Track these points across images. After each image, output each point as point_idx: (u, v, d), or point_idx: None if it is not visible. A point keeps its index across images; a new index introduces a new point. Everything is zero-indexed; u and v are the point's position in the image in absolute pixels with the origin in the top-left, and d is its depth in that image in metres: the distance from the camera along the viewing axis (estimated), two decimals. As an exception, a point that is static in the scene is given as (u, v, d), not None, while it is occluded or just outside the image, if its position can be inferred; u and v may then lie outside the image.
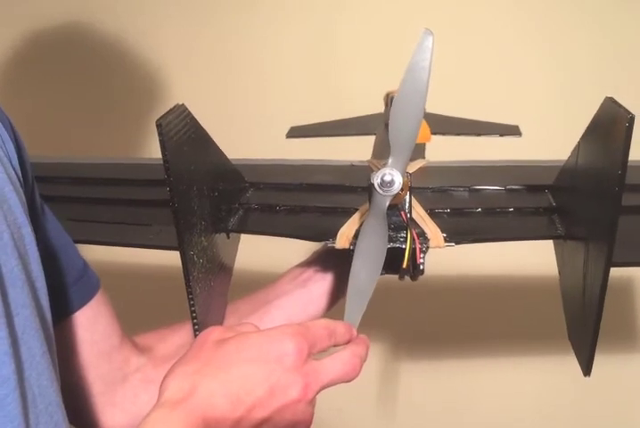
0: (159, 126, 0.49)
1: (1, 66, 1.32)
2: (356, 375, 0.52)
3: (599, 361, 0.56)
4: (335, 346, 0.53)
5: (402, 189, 0.54)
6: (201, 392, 0.47)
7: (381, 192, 0.53)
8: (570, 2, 1.16)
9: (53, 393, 0.49)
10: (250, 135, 1.28)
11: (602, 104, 0.52)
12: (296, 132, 0.99)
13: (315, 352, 0.51)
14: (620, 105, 0.48)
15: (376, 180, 0.53)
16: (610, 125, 0.49)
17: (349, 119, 1.02)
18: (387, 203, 0.54)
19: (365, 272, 0.55)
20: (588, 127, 0.56)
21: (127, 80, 1.30)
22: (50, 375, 0.49)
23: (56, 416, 0.49)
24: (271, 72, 1.29)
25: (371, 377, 1.37)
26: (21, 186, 0.53)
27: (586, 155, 0.57)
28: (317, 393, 0.50)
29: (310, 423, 0.50)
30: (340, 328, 0.54)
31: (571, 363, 0.59)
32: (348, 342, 0.54)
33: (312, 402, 0.50)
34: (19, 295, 0.46)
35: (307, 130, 1.00)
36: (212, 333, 0.51)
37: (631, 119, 0.45)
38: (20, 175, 0.54)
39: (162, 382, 0.48)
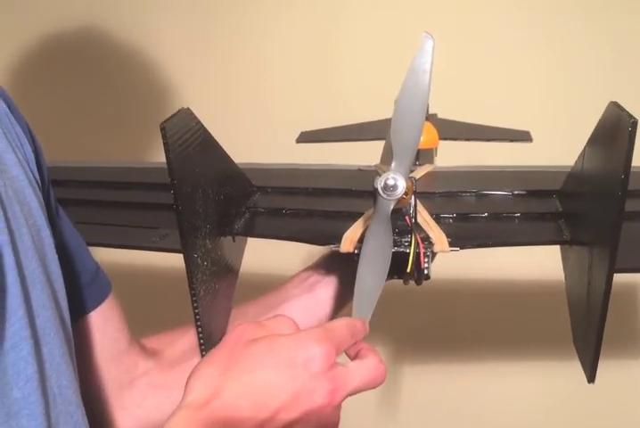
0: (162, 129, 0.49)
1: (8, 70, 1.33)
2: (382, 382, 0.52)
3: (605, 367, 0.55)
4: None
5: (406, 193, 0.54)
6: (225, 395, 0.46)
7: (384, 196, 0.53)
8: (577, 7, 1.16)
9: (73, 393, 0.49)
10: (257, 139, 1.28)
11: (606, 109, 0.51)
12: (306, 137, 0.99)
13: (340, 353, 0.51)
14: (624, 109, 0.47)
15: (379, 184, 0.53)
16: (613, 129, 0.49)
17: (360, 124, 1.02)
18: (391, 207, 0.54)
19: (371, 277, 0.55)
20: (594, 132, 0.55)
21: (135, 84, 1.31)
22: (70, 376, 0.49)
23: (76, 416, 0.49)
24: (278, 75, 1.29)
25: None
26: (39, 189, 0.54)
27: (591, 160, 0.56)
28: (344, 399, 0.49)
29: None
30: (358, 324, 0.54)
31: (576, 369, 0.58)
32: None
33: (339, 408, 0.49)
34: (39, 297, 0.47)
35: (317, 135, 1.00)
36: (245, 332, 0.51)
37: (634, 124, 0.45)
38: (38, 176, 0.55)
39: (188, 381, 0.48)
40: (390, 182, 0.52)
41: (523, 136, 0.95)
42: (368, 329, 0.55)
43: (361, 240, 0.58)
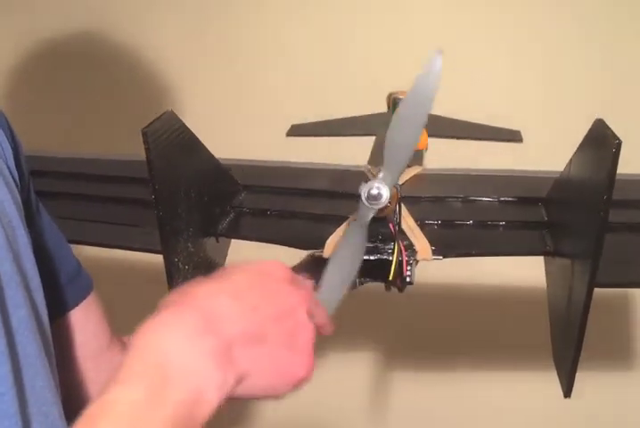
0: (144, 134, 0.48)
1: (7, 68, 1.32)
2: None
3: (596, 378, 0.54)
4: None
5: (390, 202, 0.54)
6: (201, 294, 0.44)
7: (367, 204, 0.53)
8: (572, 17, 1.15)
9: (49, 393, 0.49)
10: (253, 134, 1.27)
11: (592, 125, 0.51)
12: (297, 130, 0.98)
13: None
14: (609, 128, 0.47)
15: (363, 193, 0.53)
16: (599, 147, 0.49)
17: (351, 118, 1.01)
18: (370, 216, 0.53)
19: (339, 279, 0.54)
20: (580, 146, 0.55)
21: (130, 81, 1.30)
22: (45, 375, 0.49)
23: (52, 416, 0.49)
24: (275, 72, 1.28)
25: (363, 387, 1.37)
26: (17, 186, 0.53)
27: (577, 172, 0.56)
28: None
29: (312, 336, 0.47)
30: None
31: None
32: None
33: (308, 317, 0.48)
34: (13, 296, 0.46)
35: (307, 129, 0.99)
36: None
37: (618, 145, 0.44)
38: (16, 174, 0.54)
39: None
40: (374, 191, 0.52)
41: (514, 136, 0.95)
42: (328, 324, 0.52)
43: (344, 245, 0.58)
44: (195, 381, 0.39)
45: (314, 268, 0.71)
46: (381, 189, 0.52)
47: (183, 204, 0.56)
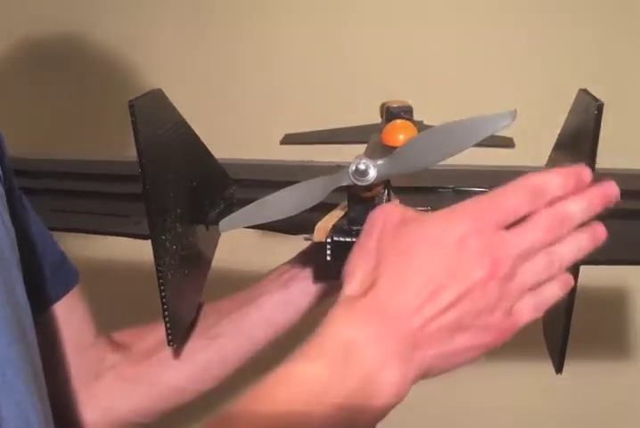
0: (131, 106, 0.49)
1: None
2: (563, 234, 0.45)
3: (589, 370, 0.53)
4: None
5: (377, 183, 0.54)
6: (381, 286, 0.45)
7: (353, 179, 0.53)
8: (573, 17, 1.17)
9: (20, 383, 0.48)
10: (247, 138, 1.28)
11: (575, 97, 0.51)
12: (290, 139, 0.99)
13: (508, 223, 0.45)
14: (590, 94, 0.47)
15: (351, 168, 0.53)
16: (581, 116, 0.49)
17: (345, 128, 1.02)
18: (341, 185, 0.53)
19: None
20: (564, 125, 0.55)
21: (122, 84, 1.31)
22: (18, 365, 0.48)
23: (23, 405, 0.48)
24: (270, 76, 1.30)
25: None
26: (0, 179, 0.53)
27: (561, 153, 0.56)
28: (514, 267, 0.44)
29: (513, 305, 0.46)
30: (555, 180, 0.46)
31: (565, 368, 0.57)
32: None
33: (511, 280, 0.45)
34: None
35: (301, 137, 1.00)
36: (391, 214, 0.49)
37: (599, 107, 0.45)
38: None
39: (346, 271, 0.48)
40: (362, 167, 0.52)
41: (506, 142, 0.95)
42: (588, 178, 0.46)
43: (333, 229, 0.58)
44: (374, 374, 0.43)
45: (309, 259, 0.71)
46: (369, 167, 0.52)
47: (171, 184, 0.56)
